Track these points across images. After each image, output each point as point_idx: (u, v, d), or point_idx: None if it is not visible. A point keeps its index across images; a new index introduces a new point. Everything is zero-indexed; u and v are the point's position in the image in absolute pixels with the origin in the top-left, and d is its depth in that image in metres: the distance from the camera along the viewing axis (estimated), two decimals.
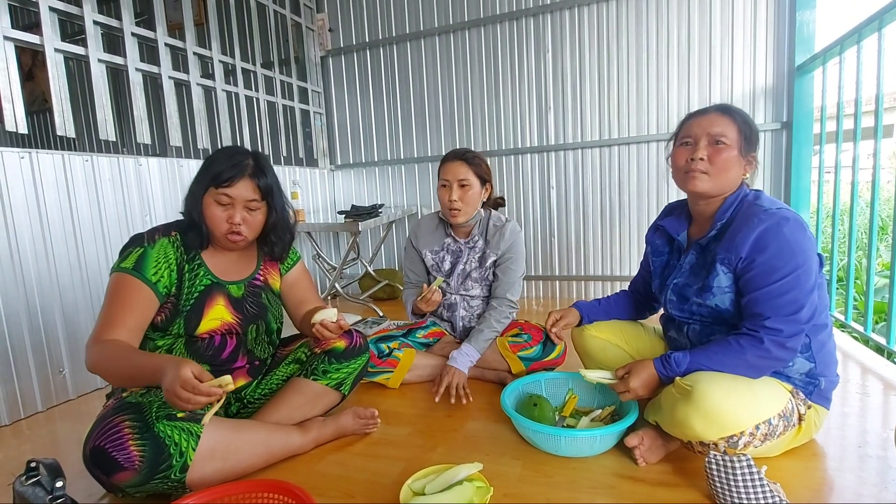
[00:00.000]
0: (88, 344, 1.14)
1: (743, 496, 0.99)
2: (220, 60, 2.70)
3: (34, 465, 0.98)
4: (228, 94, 2.76)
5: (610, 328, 1.53)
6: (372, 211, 2.84)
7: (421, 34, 3.32)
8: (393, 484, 1.19)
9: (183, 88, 2.54)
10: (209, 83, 2.62)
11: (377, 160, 3.62)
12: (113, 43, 2.18)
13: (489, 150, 3.26)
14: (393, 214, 3.09)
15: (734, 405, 1.05)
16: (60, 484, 0.95)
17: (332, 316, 1.30)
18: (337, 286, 3.00)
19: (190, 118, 2.56)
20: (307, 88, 3.55)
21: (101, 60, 2.04)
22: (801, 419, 1.17)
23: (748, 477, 0.99)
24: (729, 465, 1.01)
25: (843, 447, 1.29)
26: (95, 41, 2.02)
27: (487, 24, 3.16)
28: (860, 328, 2.07)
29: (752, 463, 1.00)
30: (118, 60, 2.12)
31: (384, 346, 1.79)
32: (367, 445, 1.42)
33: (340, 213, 2.96)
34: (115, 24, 2.11)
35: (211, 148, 2.65)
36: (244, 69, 2.91)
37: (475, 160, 1.78)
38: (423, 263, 1.97)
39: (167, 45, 2.36)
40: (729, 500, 1.01)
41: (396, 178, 3.59)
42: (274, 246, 1.41)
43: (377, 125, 3.59)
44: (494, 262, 1.86)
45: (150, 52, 2.32)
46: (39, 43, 1.81)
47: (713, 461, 1.04)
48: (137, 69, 2.19)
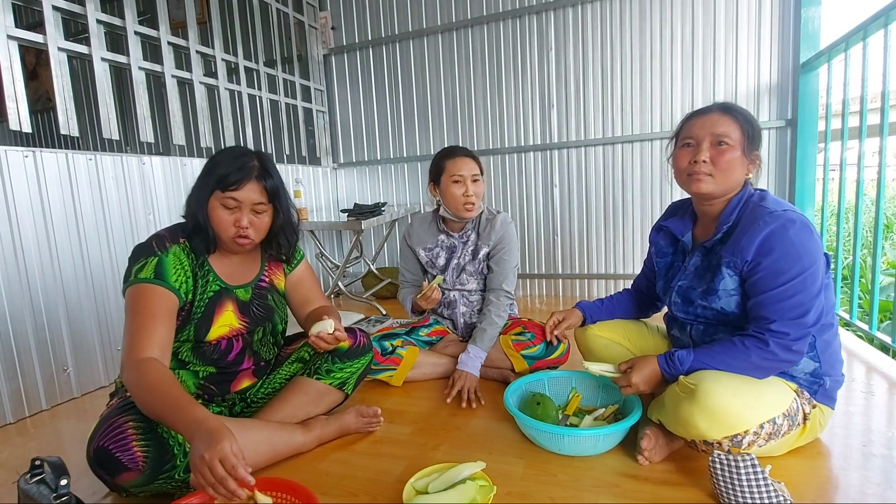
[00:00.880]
0: (125, 364, 1.09)
1: (747, 495, 0.99)
2: (222, 59, 2.70)
3: (39, 463, 0.98)
4: (231, 92, 2.76)
5: (613, 327, 1.53)
6: (375, 209, 2.84)
7: (424, 32, 3.32)
8: (396, 482, 1.19)
9: (186, 87, 2.54)
10: (212, 81, 2.62)
11: (380, 158, 3.62)
12: (116, 42, 2.18)
13: (492, 148, 3.26)
14: (396, 213, 3.09)
15: (738, 404, 1.05)
16: (65, 482, 0.95)
17: (328, 328, 1.28)
18: (340, 284, 3.00)
19: (193, 117, 2.56)
20: (310, 87, 3.55)
21: (104, 59, 2.04)
22: (805, 419, 1.16)
23: (752, 476, 0.99)
24: (733, 464, 1.00)
25: (847, 446, 1.28)
26: (99, 40, 2.02)
27: (490, 21, 3.15)
28: (865, 327, 2.06)
29: (756, 462, 1.00)
30: (121, 59, 2.12)
31: (387, 343, 1.79)
32: (370, 444, 1.42)
33: (343, 211, 2.96)
34: (118, 22, 2.11)
35: (214, 146, 2.67)
36: (247, 67, 2.91)
37: (477, 156, 1.86)
38: (418, 261, 1.99)
39: (170, 43, 2.36)
40: (733, 499, 1.01)
41: (399, 176, 3.59)
42: (281, 248, 1.39)
43: (380, 123, 3.58)
44: (487, 254, 1.87)
45: (153, 50, 2.32)
46: (43, 42, 1.81)
47: (717, 460, 1.03)
48: (140, 68, 2.20)
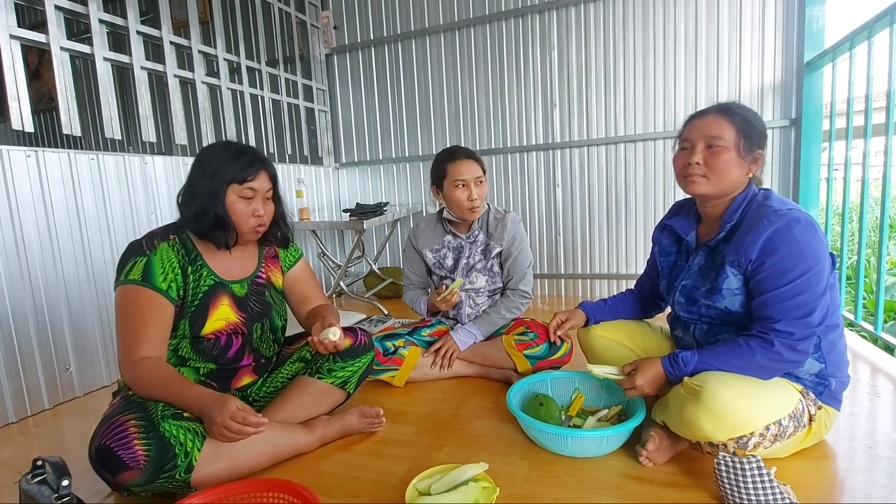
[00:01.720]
0: (122, 365, 1.17)
1: (752, 498, 0.98)
2: (224, 58, 2.70)
3: (40, 463, 0.98)
4: (233, 92, 2.76)
5: (616, 328, 1.52)
6: (377, 209, 2.84)
7: (426, 31, 3.31)
8: (398, 483, 1.18)
9: (188, 87, 2.54)
10: (214, 81, 2.62)
11: (382, 158, 3.61)
12: (118, 41, 2.18)
13: (494, 147, 3.25)
14: (398, 213, 3.08)
15: (744, 405, 1.04)
16: (66, 483, 0.95)
17: (331, 336, 1.27)
18: (342, 284, 3.00)
19: (195, 116, 2.56)
20: (312, 86, 3.54)
21: (106, 59, 2.04)
22: (811, 420, 1.15)
23: (758, 478, 0.98)
24: (738, 466, 1.00)
25: (852, 448, 1.27)
26: (101, 39, 2.02)
27: (493, 21, 3.14)
28: (870, 327, 2.05)
29: (762, 464, 0.99)
30: (124, 59, 2.12)
31: (389, 343, 1.78)
32: (372, 444, 1.41)
33: (345, 211, 2.96)
34: (120, 22, 2.11)
35: None
36: (249, 67, 2.91)
37: (479, 157, 1.86)
38: (423, 263, 1.99)
39: (172, 43, 2.36)
40: (738, 501, 1.00)
41: (402, 176, 3.58)
42: (280, 230, 1.44)
43: (382, 123, 3.58)
44: (500, 253, 1.88)
45: (155, 50, 2.32)
46: (45, 41, 1.81)
47: (722, 462, 1.02)
48: (143, 67, 2.20)
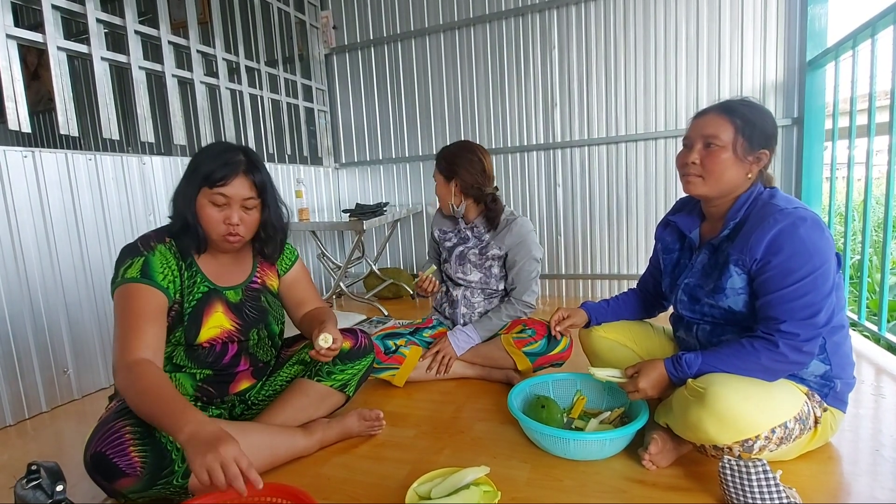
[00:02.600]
0: (116, 367, 1.07)
1: (758, 501, 0.97)
2: (223, 58, 2.69)
3: (35, 468, 0.97)
4: (232, 92, 2.75)
5: (618, 328, 1.51)
6: (377, 209, 2.82)
7: (426, 31, 3.30)
8: (399, 487, 1.17)
9: (187, 87, 2.53)
10: (213, 81, 2.61)
11: (382, 158, 3.60)
12: (117, 41, 2.17)
13: (495, 147, 3.24)
14: (398, 213, 3.07)
15: (749, 408, 1.03)
16: (61, 488, 0.93)
17: (324, 342, 1.25)
18: (342, 285, 2.99)
19: (194, 116, 2.55)
20: (311, 86, 3.53)
21: (104, 59, 2.03)
22: (816, 422, 1.14)
23: (763, 481, 0.97)
24: (744, 469, 0.98)
25: (857, 450, 1.26)
26: (99, 39, 2.01)
27: (493, 20, 3.13)
28: (874, 327, 2.03)
29: (767, 467, 0.98)
30: (122, 59, 2.11)
31: (391, 342, 1.78)
32: (372, 447, 1.40)
33: (345, 211, 2.95)
34: (118, 22, 2.09)
35: None
36: (248, 67, 2.90)
37: (438, 159, 1.89)
38: (434, 240, 2.06)
39: (171, 43, 2.35)
40: None
41: (401, 176, 3.57)
42: (264, 245, 1.33)
43: (382, 123, 3.56)
44: (499, 256, 1.86)
45: (153, 50, 2.30)
46: (42, 41, 1.80)
47: (727, 466, 1.01)
48: (141, 67, 2.18)
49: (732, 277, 1.15)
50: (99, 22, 2.01)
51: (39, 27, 1.82)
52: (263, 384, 1.43)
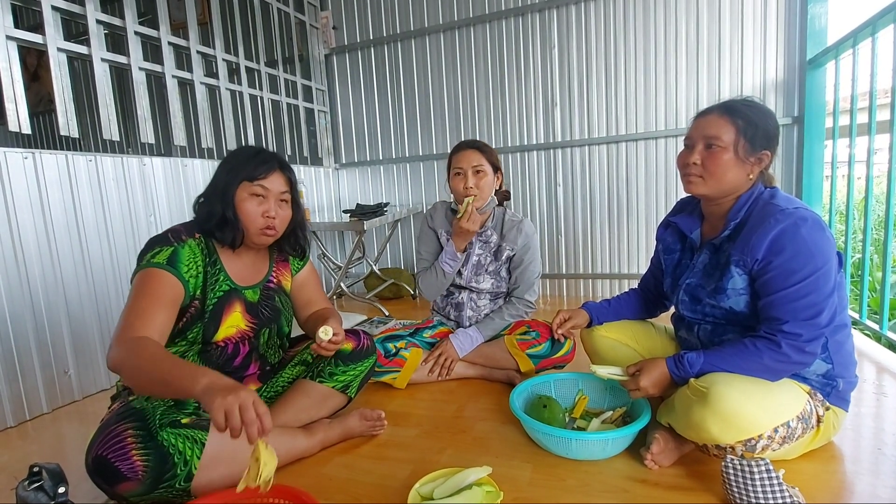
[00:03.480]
0: (115, 341, 1.04)
1: (761, 500, 0.97)
2: (223, 59, 2.69)
3: (37, 469, 0.96)
4: (232, 92, 2.75)
5: (620, 328, 1.51)
6: (377, 210, 2.82)
7: (426, 31, 3.30)
8: (401, 487, 1.17)
9: (187, 87, 2.53)
10: (213, 82, 2.61)
11: (382, 158, 3.60)
12: (117, 42, 2.17)
13: (495, 147, 3.21)
14: (398, 213, 3.07)
15: (752, 407, 1.02)
16: (63, 490, 0.93)
17: (323, 335, 1.25)
18: (342, 285, 2.99)
19: (194, 117, 2.54)
20: (311, 87, 3.53)
21: (104, 60, 2.03)
22: (819, 421, 1.14)
23: (766, 481, 0.97)
24: (747, 469, 0.98)
25: (860, 448, 1.26)
26: (99, 40, 2.00)
27: (493, 20, 3.13)
28: (875, 326, 2.03)
29: (770, 466, 0.98)
30: (122, 60, 2.11)
31: (391, 345, 1.77)
32: (374, 447, 1.40)
33: (345, 211, 2.95)
34: (118, 23, 2.09)
35: (215, 147, 2.65)
36: (248, 68, 2.89)
37: (486, 148, 1.81)
38: (438, 243, 1.92)
39: (171, 44, 2.35)
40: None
41: (402, 176, 3.57)
42: (295, 241, 1.41)
43: (382, 123, 3.56)
44: (510, 257, 1.85)
45: (153, 51, 2.30)
46: (42, 42, 1.79)
47: (730, 465, 1.01)
48: (141, 68, 2.18)
49: (734, 278, 1.15)
50: (99, 23, 2.01)
51: (39, 28, 1.81)
52: (266, 386, 1.43)
